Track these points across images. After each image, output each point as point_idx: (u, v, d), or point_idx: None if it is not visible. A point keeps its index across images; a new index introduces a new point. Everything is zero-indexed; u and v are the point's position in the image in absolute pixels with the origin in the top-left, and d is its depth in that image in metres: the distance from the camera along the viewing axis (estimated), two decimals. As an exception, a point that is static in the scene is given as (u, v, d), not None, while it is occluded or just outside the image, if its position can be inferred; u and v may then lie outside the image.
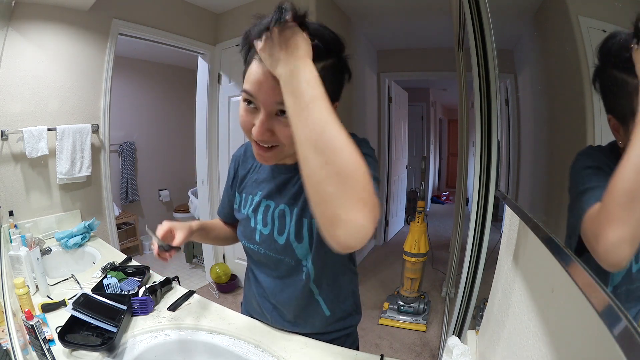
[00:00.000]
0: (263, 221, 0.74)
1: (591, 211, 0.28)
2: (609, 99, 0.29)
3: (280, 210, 0.72)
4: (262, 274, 0.80)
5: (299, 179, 0.69)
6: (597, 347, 0.31)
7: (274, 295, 0.79)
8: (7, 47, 1.56)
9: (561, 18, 0.39)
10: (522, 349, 0.49)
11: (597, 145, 0.31)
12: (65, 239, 1.55)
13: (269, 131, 0.57)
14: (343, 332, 0.83)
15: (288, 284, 0.75)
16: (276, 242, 0.72)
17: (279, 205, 0.72)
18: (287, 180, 0.71)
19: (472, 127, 1.59)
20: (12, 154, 1.64)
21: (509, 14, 0.68)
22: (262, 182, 0.76)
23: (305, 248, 0.70)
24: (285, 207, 0.71)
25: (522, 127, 0.63)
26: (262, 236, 0.74)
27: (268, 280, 0.78)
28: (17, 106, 1.64)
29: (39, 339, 0.74)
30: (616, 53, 0.27)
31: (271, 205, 0.73)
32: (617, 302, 0.24)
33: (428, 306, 2.45)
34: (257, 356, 0.77)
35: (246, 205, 0.78)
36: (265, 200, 0.74)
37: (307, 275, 0.72)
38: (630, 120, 0.25)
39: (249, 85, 0.55)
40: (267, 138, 0.58)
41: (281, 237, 0.71)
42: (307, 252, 0.70)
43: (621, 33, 0.27)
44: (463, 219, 2.46)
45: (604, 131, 0.30)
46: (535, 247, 0.52)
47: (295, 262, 0.72)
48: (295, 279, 0.74)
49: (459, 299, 1.49)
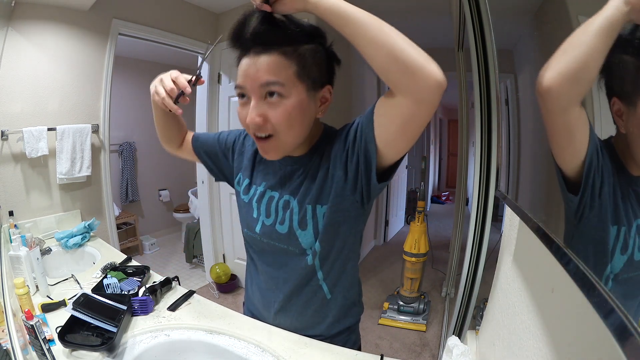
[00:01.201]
0: (266, 212, 0.73)
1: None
2: (614, 81, 0.28)
3: (285, 201, 0.71)
4: (264, 264, 0.78)
5: (305, 171, 0.70)
6: (597, 347, 0.31)
7: (276, 284, 0.76)
8: (7, 47, 1.56)
9: (561, 18, 0.39)
10: (522, 349, 0.49)
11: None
12: (65, 239, 1.55)
13: (261, 116, 0.60)
14: (345, 325, 0.80)
15: (291, 270, 0.74)
16: (278, 231, 0.71)
17: (283, 196, 0.72)
18: (292, 172, 0.71)
19: (472, 127, 1.59)
20: (12, 154, 1.64)
21: (509, 14, 0.68)
22: (267, 173, 0.76)
23: (310, 235, 0.69)
24: (290, 197, 0.71)
25: (522, 127, 0.63)
26: (264, 227, 0.74)
27: (270, 270, 0.77)
28: (17, 106, 1.64)
29: (39, 339, 0.74)
30: (626, 35, 0.27)
31: (275, 196, 0.73)
32: (617, 302, 0.24)
33: (428, 306, 2.45)
34: (257, 356, 0.77)
35: (248, 192, 0.77)
36: (270, 191, 0.74)
37: (312, 261, 0.71)
38: (636, 102, 0.25)
39: (238, 79, 0.61)
40: (260, 123, 0.60)
41: (282, 226, 0.71)
42: (312, 240, 0.69)
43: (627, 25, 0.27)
44: (463, 219, 2.46)
45: (604, 131, 0.30)
46: (535, 247, 0.52)
47: (299, 251, 0.71)
48: (299, 266, 0.72)
49: (459, 299, 1.49)
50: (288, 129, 0.61)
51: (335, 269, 0.74)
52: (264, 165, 0.77)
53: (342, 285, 0.76)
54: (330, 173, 0.66)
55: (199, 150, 0.87)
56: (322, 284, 0.74)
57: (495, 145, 1.20)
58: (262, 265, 0.79)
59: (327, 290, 0.75)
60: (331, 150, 0.67)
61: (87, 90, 1.90)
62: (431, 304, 2.55)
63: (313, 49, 0.61)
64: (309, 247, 0.70)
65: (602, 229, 0.30)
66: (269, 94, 0.59)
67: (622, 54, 0.27)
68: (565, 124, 0.35)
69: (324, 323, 0.79)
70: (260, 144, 0.63)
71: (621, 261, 0.27)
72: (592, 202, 0.31)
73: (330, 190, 0.66)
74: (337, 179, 0.65)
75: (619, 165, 0.28)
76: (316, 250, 0.70)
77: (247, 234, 0.79)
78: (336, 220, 0.68)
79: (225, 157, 0.84)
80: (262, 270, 0.79)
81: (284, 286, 0.76)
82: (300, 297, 0.76)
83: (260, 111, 0.60)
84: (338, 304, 0.77)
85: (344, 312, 0.80)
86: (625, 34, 0.26)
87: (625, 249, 0.27)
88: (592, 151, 0.30)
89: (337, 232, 0.69)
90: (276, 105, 0.59)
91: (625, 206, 0.28)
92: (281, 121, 0.60)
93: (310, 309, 0.77)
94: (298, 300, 0.76)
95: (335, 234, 0.69)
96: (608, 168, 0.29)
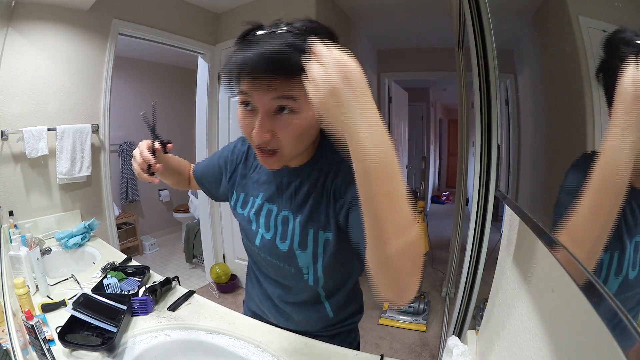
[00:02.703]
0: (265, 225, 0.71)
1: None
2: (613, 93, 0.28)
3: (284, 217, 0.69)
4: (263, 275, 0.79)
5: (302, 184, 0.67)
6: (597, 347, 0.31)
7: (276, 297, 0.78)
8: (7, 47, 1.56)
9: (561, 18, 0.39)
10: (522, 349, 0.49)
11: (593, 152, 0.31)
12: (65, 239, 1.55)
13: (269, 132, 0.53)
14: (345, 328, 0.82)
15: (291, 288, 0.75)
16: (278, 248, 0.70)
17: (281, 210, 0.70)
18: (288, 184, 0.69)
19: (472, 127, 1.59)
20: (12, 154, 1.64)
21: (509, 14, 0.68)
22: (263, 183, 0.73)
23: (309, 256, 0.68)
24: (289, 214, 0.68)
25: (522, 127, 0.63)
26: (263, 240, 0.72)
27: (269, 283, 0.78)
28: (17, 106, 1.64)
29: (39, 339, 0.74)
30: (625, 46, 0.26)
31: (273, 209, 0.71)
32: (617, 302, 0.24)
33: (428, 306, 2.45)
34: (257, 356, 0.77)
35: (246, 206, 0.75)
36: (268, 204, 0.72)
37: (314, 281, 0.70)
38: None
39: (245, 85, 0.52)
40: (268, 139, 0.54)
41: (284, 243, 0.69)
42: (309, 262, 0.68)
43: (629, 29, 0.26)
44: (463, 219, 2.46)
45: (604, 131, 0.30)
46: (535, 247, 0.52)
47: (295, 270, 0.70)
48: (299, 285, 0.73)
49: (459, 299, 1.49)
50: (295, 145, 0.57)
51: (337, 290, 0.75)
52: (257, 174, 0.74)
53: (344, 299, 0.77)
54: (332, 203, 0.64)
55: (200, 182, 0.87)
56: (323, 300, 0.76)
57: (495, 145, 1.20)
58: (262, 275, 0.80)
59: (329, 309, 0.77)
60: (329, 175, 0.64)
61: (87, 90, 1.90)
62: (431, 304, 2.55)
63: None
64: (305, 267, 0.69)
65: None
66: (280, 109, 0.52)
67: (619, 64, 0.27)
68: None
69: (324, 324, 0.80)
70: (262, 156, 0.58)
71: (615, 284, 0.27)
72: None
73: (330, 218, 0.64)
74: (337, 210, 0.63)
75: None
76: (318, 275, 0.70)
77: (247, 244, 0.78)
78: (338, 247, 0.65)
79: (221, 179, 0.82)
80: (261, 279, 0.80)
81: (284, 295, 0.77)
82: (301, 308, 0.78)
83: (269, 127, 0.53)
84: (339, 316, 0.79)
85: (345, 318, 0.81)
86: (623, 42, 0.26)
87: (620, 272, 0.27)
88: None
89: (338, 257, 0.67)
90: (287, 122, 0.53)
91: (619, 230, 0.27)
92: (290, 139, 0.55)
93: (312, 317, 0.79)
94: (299, 308, 0.78)
95: (335, 259, 0.67)
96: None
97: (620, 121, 0.26)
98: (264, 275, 0.79)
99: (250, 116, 0.54)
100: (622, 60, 0.25)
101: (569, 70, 0.38)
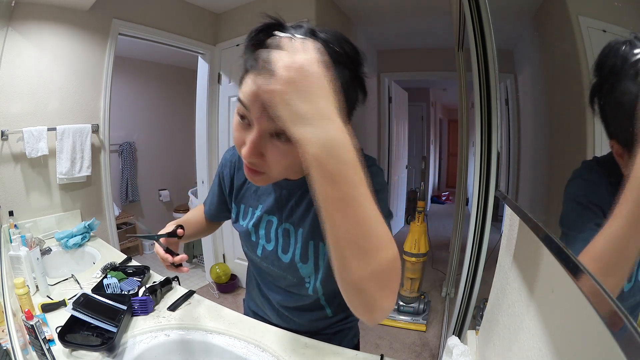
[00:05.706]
0: (266, 237, 0.71)
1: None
2: (610, 122, 0.26)
3: (285, 230, 0.69)
4: (263, 281, 0.80)
5: (302, 196, 0.66)
6: (597, 347, 0.31)
7: (276, 302, 0.79)
8: (7, 47, 1.56)
9: (561, 18, 0.39)
10: (522, 349, 0.49)
11: (594, 159, 0.30)
12: (65, 239, 1.55)
13: (259, 154, 0.48)
14: (346, 326, 0.83)
15: (292, 294, 0.75)
16: (280, 259, 0.70)
17: (282, 223, 0.69)
18: (289, 196, 0.67)
19: (472, 127, 1.59)
20: (12, 154, 1.64)
21: (509, 14, 0.68)
22: (262, 194, 0.71)
23: (310, 268, 0.68)
24: (290, 226, 0.68)
25: (522, 127, 0.63)
26: (265, 251, 0.72)
27: (269, 289, 0.79)
28: (17, 106, 1.64)
29: (39, 339, 0.74)
30: (619, 68, 0.24)
31: (273, 221, 0.70)
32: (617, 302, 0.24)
33: (428, 306, 2.45)
34: (257, 356, 0.77)
35: (246, 217, 0.74)
36: (267, 215, 0.71)
37: (313, 290, 0.71)
38: (636, 146, 0.22)
39: (244, 96, 0.47)
40: (256, 160, 0.49)
41: (286, 255, 0.69)
42: (311, 272, 0.69)
43: (620, 44, 0.24)
44: (463, 219, 2.46)
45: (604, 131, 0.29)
46: (535, 247, 0.52)
47: (297, 280, 0.71)
48: (300, 292, 0.73)
49: (459, 299, 1.49)
50: (284, 171, 0.53)
51: (338, 294, 0.75)
52: (255, 185, 0.72)
53: (344, 301, 0.77)
54: None
55: (219, 218, 0.86)
56: (323, 304, 0.76)
57: (495, 145, 1.20)
58: (262, 281, 0.80)
59: (329, 311, 0.78)
60: None
61: (87, 90, 1.90)
62: (431, 304, 2.55)
63: (345, 83, 0.48)
64: (307, 276, 0.70)
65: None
66: (277, 135, 0.47)
67: (615, 90, 0.25)
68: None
69: (325, 324, 0.81)
70: (248, 172, 0.52)
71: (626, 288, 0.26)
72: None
73: None
74: None
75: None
76: (317, 287, 0.70)
77: (247, 253, 0.78)
78: None
79: (226, 198, 0.81)
80: (262, 283, 0.81)
81: (284, 300, 0.77)
82: (302, 312, 0.78)
83: (260, 148, 0.48)
84: (340, 315, 0.80)
85: (345, 317, 0.82)
86: (617, 64, 0.25)
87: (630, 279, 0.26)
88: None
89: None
90: (280, 150, 0.48)
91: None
92: (280, 167, 0.50)
93: (312, 320, 0.79)
94: (299, 312, 0.79)
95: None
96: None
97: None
98: (264, 281, 0.80)
99: (244, 130, 0.49)
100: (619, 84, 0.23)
101: (569, 70, 0.38)
